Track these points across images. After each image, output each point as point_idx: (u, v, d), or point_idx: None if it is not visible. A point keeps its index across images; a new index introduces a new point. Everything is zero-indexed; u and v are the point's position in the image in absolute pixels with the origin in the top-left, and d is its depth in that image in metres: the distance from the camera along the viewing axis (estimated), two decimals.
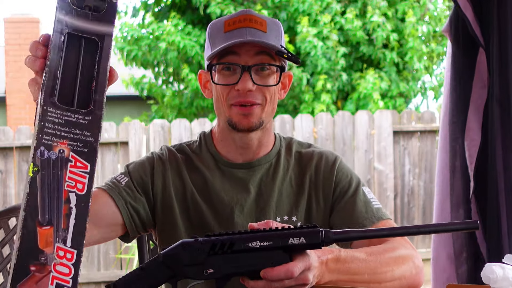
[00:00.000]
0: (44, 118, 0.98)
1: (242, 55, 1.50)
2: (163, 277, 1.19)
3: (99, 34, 1.02)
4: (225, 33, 1.52)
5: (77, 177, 0.99)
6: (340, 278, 1.32)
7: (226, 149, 1.61)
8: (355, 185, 1.61)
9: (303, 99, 7.48)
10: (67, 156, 0.98)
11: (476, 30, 2.51)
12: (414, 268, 1.45)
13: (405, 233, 1.23)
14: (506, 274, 1.13)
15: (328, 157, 1.63)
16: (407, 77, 7.97)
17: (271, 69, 1.52)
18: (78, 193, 0.99)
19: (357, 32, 7.52)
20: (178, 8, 8.51)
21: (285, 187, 1.60)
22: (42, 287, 0.96)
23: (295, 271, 1.16)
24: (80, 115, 1.00)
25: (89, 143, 1.00)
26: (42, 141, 0.98)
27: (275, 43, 1.51)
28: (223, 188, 1.59)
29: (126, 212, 1.53)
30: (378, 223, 1.55)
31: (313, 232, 1.16)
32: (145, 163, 1.61)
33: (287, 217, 1.58)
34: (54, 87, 0.99)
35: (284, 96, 1.63)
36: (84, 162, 0.99)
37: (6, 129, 5.69)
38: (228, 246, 1.16)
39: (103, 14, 1.02)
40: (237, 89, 1.50)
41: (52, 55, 1.00)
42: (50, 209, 0.97)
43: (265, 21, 1.53)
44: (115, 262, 5.66)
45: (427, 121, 6.00)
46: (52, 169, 0.98)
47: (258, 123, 1.53)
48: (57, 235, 0.97)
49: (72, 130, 0.99)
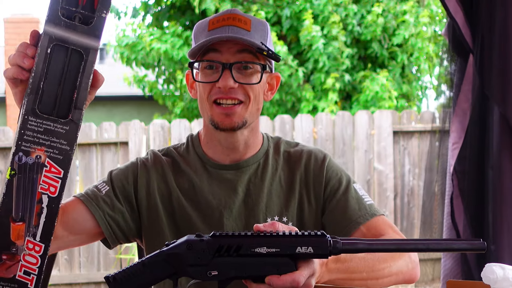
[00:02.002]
0: (25, 126, 1.07)
1: (223, 52, 1.49)
2: (164, 274, 1.18)
3: (85, 47, 1.08)
4: (209, 31, 1.51)
5: (50, 181, 1.08)
6: (339, 276, 1.33)
7: (213, 150, 1.59)
8: (345, 183, 1.59)
9: (303, 97, 7.47)
10: (43, 161, 1.08)
11: (466, 35, 2.52)
12: (410, 263, 1.47)
13: (414, 249, 1.20)
14: (507, 275, 1.13)
15: (317, 156, 1.62)
16: (410, 78, 7.99)
17: (254, 68, 1.51)
18: (50, 195, 1.09)
19: (376, 28, 7.53)
20: (178, 8, 8.51)
21: (275, 187, 1.59)
22: (12, 272, 1.10)
23: (301, 280, 1.16)
24: (58, 124, 1.08)
25: (64, 151, 1.09)
26: (21, 148, 1.07)
27: (258, 41, 1.50)
28: (211, 191, 1.57)
29: (104, 223, 1.52)
30: (372, 220, 1.55)
31: (321, 242, 1.15)
32: (128, 171, 1.59)
33: (277, 218, 1.56)
34: (36, 98, 1.07)
35: (271, 98, 1.61)
36: (58, 168, 1.09)
37: (6, 129, 5.69)
38: (234, 249, 1.15)
39: (91, 28, 1.08)
40: (218, 87, 1.49)
41: (37, 65, 1.07)
42: (24, 208, 1.08)
43: (250, 20, 1.52)
44: (115, 262, 5.66)
45: (427, 121, 5.99)
46: (28, 172, 1.07)
47: (241, 122, 1.52)
48: (28, 230, 1.09)
49: (50, 138, 1.08)
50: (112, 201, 1.53)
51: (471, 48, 2.54)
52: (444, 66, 2.80)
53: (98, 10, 1.08)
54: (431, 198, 2.99)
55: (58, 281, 5.56)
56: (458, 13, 2.52)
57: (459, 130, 2.60)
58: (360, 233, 1.53)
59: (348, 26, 7.71)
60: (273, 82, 1.61)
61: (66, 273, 5.62)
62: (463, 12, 2.52)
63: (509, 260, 2.38)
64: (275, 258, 1.15)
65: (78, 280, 5.63)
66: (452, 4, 2.52)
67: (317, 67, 7.58)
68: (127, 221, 1.55)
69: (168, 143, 5.71)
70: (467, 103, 2.59)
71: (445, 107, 2.73)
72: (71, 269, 5.64)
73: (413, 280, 1.49)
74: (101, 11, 1.08)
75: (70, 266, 5.62)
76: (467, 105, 2.59)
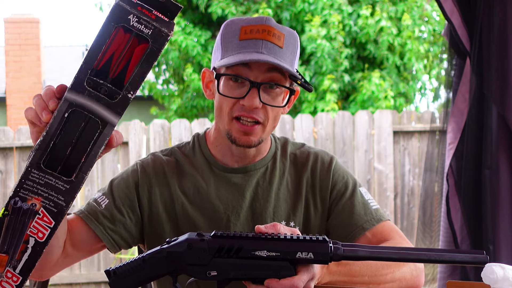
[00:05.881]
0: (26, 176, 1.09)
1: (253, 69, 1.43)
2: (164, 271, 1.18)
3: (103, 120, 1.07)
4: (240, 41, 1.44)
5: (40, 228, 1.11)
6: (340, 279, 1.32)
7: (222, 154, 1.56)
8: (352, 187, 1.57)
9: (305, 98, 7.49)
10: (37, 209, 1.10)
11: (463, 36, 2.52)
12: (415, 270, 1.44)
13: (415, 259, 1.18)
14: (507, 275, 1.13)
15: (323, 158, 1.60)
16: (407, 78, 7.99)
17: (281, 89, 1.47)
18: (38, 240, 1.11)
19: (369, 30, 7.55)
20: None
21: (282, 191, 1.56)
22: None
23: (300, 285, 1.15)
24: (60, 181, 1.09)
25: (60, 206, 1.10)
26: (18, 194, 1.09)
27: (290, 59, 1.45)
28: (218, 194, 1.54)
29: (106, 237, 1.51)
30: (377, 225, 1.53)
31: (322, 248, 1.15)
32: (129, 179, 1.56)
33: (285, 223, 1.54)
34: (43, 154, 1.08)
35: (287, 111, 1.57)
36: (50, 219, 1.11)
37: (6, 129, 5.69)
38: (235, 251, 1.15)
39: (114, 103, 1.06)
40: (242, 104, 1.44)
41: (51, 125, 1.07)
42: (10, 243, 1.11)
43: (283, 34, 1.46)
44: (115, 262, 5.66)
45: (427, 121, 5.99)
46: (20, 216, 1.10)
47: (257, 141, 1.48)
48: (10, 262, 1.12)
49: (49, 191, 1.10)
50: (112, 214, 1.52)
51: (468, 50, 2.54)
52: (444, 67, 2.81)
53: (126, 88, 1.06)
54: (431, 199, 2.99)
55: (58, 281, 5.56)
56: (455, 13, 2.52)
57: (455, 131, 2.61)
58: (366, 239, 1.51)
59: (346, 27, 7.72)
60: (292, 97, 1.55)
61: (66, 273, 5.62)
62: (459, 13, 2.52)
63: (505, 259, 2.39)
64: (275, 262, 1.15)
65: (78, 280, 5.64)
66: (449, 5, 2.52)
67: (320, 71, 7.59)
68: (130, 231, 1.54)
69: (168, 143, 5.71)
70: (465, 103, 2.59)
71: (445, 107, 2.73)
72: (71, 269, 5.64)
73: (417, 287, 1.46)
74: (128, 90, 1.06)
75: (70, 266, 5.61)
76: (464, 106, 2.59)
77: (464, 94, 2.59)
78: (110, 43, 1.04)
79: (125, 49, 1.05)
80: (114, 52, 1.05)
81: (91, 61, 1.05)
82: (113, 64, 1.05)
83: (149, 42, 1.04)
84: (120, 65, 1.06)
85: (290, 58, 1.46)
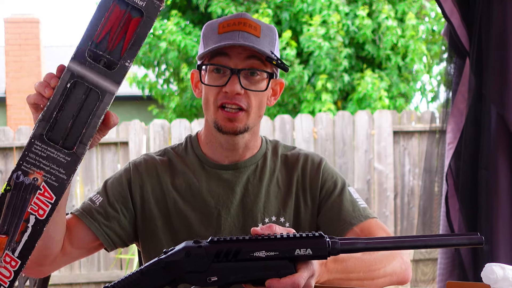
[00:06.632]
0: (29, 148, 1.12)
1: (232, 57, 1.51)
2: (163, 282, 1.18)
3: (103, 89, 1.12)
4: (219, 34, 1.53)
5: (41, 204, 1.12)
6: (338, 276, 1.34)
7: (212, 151, 1.62)
8: (340, 186, 1.63)
9: (305, 98, 7.49)
10: (38, 184, 1.12)
11: (462, 36, 2.53)
12: (403, 264, 1.50)
13: (412, 246, 1.20)
14: (507, 275, 1.14)
15: (313, 159, 1.66)
16: (408, 78, 7.99)
17: (261, 75, 1.54)
18: (38, 217, 1.12)
19: (366, 31, 7.55)
20: (179, 8, 8.52)
21: (272, 188, 1.62)
22: None
23: (301, 282, 1.16)
24: (62, 154, 1.13)
25: (61, 180, 1.13)
26: (21, 167, 1.12)
27: (267, 48, 1.52)
28: (209, 190, 1.60)
29: (101, 233, 1.56)
30: (365, 221, 1.58)
31: (319, 243, 1.15)
32: (122, 177, 1.62)
33: (275, 218, 1.59)
34: (47, 125, 1.12)
35: (274, 103, 1.64)
36: (51, 194, 1.13)
37: (6, 129, 5.69)
38: (233, 254, 1.15)
39: (113, 73, 1.13)
40: (225, 91, 1.51)
41: (54, 96, 1.12)
42: (10, 223, 1.12)
43: (260, 26, 1.54)
44: (115, 262, 5.66)
45: (427, 121, 5.99)
46: (22, 191, 1.12)
47: (243, 127, 1.55)
48: (9, 244, 1.12)
49: (51, 164, 1.12)
50: (106, 211, 1.57)
51: (467, 50, 2.54)
52: (444, 67, 2.81)
53: (123, 58, 1.13)
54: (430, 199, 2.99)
55: (58, 281, 5.56)
56: (454, 14, 2.52)
57: (454, 131, 2.61)
58: (354, 234, 1.56)
59: (344, 26, 7.72)
60: (277, 88, 1.64)
61: (66, 273, 5.62)
62: (459, 13, 2.52)
63: (504, 259, 2.39)
64: (275, 262, 1.15)
65: (78, 280, 5.64)
66: (448, 5, 2.52)
67: (318, 70, 7.59)
68: (124, 227, 1.59)
69: (168, 143, 5.71)
70: (464, 103, 2.60)
71: (444, 107, 2.74)
72: (71, 269, 5.64)
73: (405, 281, 1.51)
74: (125, 60, 1.13)
75: (70, 266, 5.62)
76: (463, 106, 2.59)
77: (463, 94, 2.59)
78: (108, 17, 1.13)
79: (120, 24, 1.13)
80: (111, 27, 1.13)
81: (91, 34, 1.12)
82: (111, 38, 1.13)
83: (143, 15, 1.13)
84: (117, 39, 1.13)
85: (268, 47, 1.53)
